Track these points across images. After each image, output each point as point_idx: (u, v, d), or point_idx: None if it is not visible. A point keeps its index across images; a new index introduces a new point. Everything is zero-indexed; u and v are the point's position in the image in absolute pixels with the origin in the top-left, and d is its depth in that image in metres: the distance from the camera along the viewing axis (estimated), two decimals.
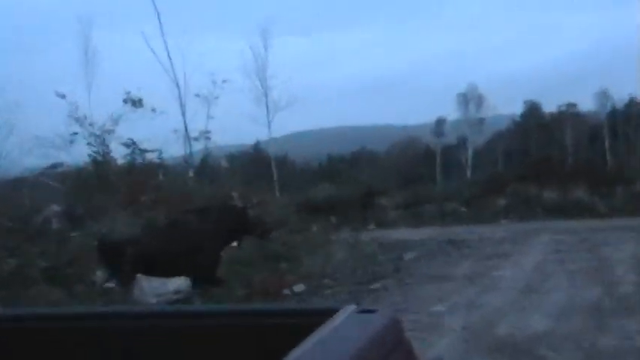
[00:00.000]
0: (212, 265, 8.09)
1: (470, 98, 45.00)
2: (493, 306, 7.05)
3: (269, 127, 26.78)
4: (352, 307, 1.89)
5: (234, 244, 8.79)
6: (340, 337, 1.74)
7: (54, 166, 13.74)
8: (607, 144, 41.19)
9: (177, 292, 7.61)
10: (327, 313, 1.84)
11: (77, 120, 14.01)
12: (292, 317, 2.03)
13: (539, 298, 7.26)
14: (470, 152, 43.09)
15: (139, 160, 13.63)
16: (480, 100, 44.72)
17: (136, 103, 15.11)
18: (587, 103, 47.26)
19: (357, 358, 1.61)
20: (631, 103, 44.57)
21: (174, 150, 18.42)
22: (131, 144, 13.64)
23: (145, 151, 13.73)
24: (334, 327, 1.76)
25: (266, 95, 26.24)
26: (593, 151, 41.24)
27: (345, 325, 1.76)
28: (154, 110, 15.70)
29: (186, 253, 7.76)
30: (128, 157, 13.63)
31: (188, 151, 20.21)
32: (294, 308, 2.44)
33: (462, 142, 45.35)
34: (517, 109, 51.93)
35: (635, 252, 10.02)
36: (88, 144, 13.42)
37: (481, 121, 45.33)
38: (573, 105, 48.53)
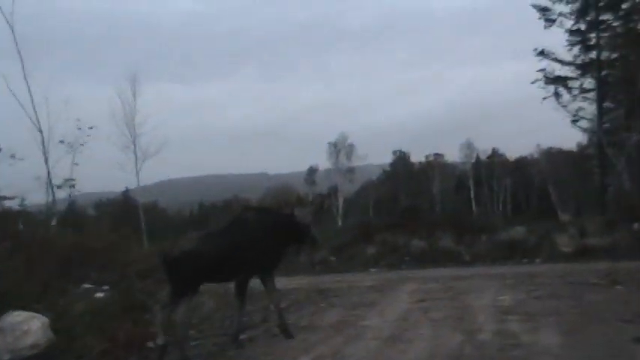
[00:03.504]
0: (275, 263, 8.47)
1: (340, 147, 46.84)
2: (358, 356, 7.19)
3: (137, 174, 26.37)
4: None
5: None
6: None
7: None
8: (472, 192, 44.29)
9: (33, 347, 7.23)
10: None
11: None
12: None
13: (403, 348, 7.48)
14: (341, 201, 44.35)
15: None
16: (350, 150, 46.67)
17: None
18: (453, 154, 50.90)
19: None
20: (493, 153, 48.61)
21: (36, 197, 18.53)
22: None
23: (3, 198, 13.50)
24: None
25: (134, 143, 25.96)
26: (460, 198, 44.12)
27: None
28: (12, 156, 15.41)
29: (247, 251, 7.95)
30: None
31: (51, 199, 19.89)
32: None
33: (333, 190, 46.63)
34: (387, 158, 54.76)
35: (494, 299, 10.65)
36: None
37: (351, 170, 47.22)
38: (440, 155, 52.06)
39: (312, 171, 53.34)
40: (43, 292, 8.68)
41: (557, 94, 30.24)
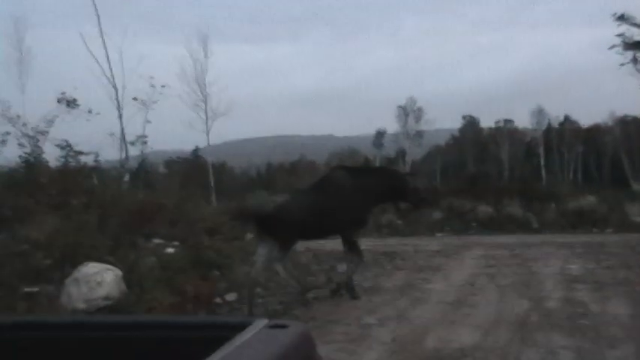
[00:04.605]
0: (362, 222, 8.54)
1: (409, 111, 46.06)
2: (423, 319, 7.14)
3: (207, 134, 26.47)
4: (263, 322, 1.84)
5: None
6: (247, 352, 1.69)
7: None
8: (542, 160, 42.87)
9: (106, 298, 7.37)
10: (239, 327, 1.79)
11: (9, 119, 13.87)
12: (203, 330, 1.98)
13: (467, 312, 7.40)
14: (408, 165, 43.87)
15: (73, 162, 13.13)
16: (419, 114, 45.83)
17: (71, 103, 14.80)
18: (523, 120, 49.21)
19: None
20: (565, 121, 46.78)
21: (110, 153, 18.78)
22: (65, 146, 13.15)
23: (79, 153, 13.28)
24: (243, 342, 1.70)
25: (205, 102, 26.00)
26: (529, 166, 42.80)
27: (254, 340, 1.71)
28: (89, 112, 15.53)
29: (336, 210, 8.00)
30: (62, 159, 13.10)
31: (124, 155, 20.09)
32: (205, 321, 2.36)
33: (401, 154, 46.23)
34: (456, 124, 53.63)
35: (563, 267, 10.40)
36: (20, 145, 13.09)
37: (420, 134, 46.43)
38: (510, 121, 50.48)
39: (379, 134, 52.74)
40: (115, 246, 8.79)
41: (635, 60, 28.71)
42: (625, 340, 6.13)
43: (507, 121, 49.91)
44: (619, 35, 28.76)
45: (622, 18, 28.56)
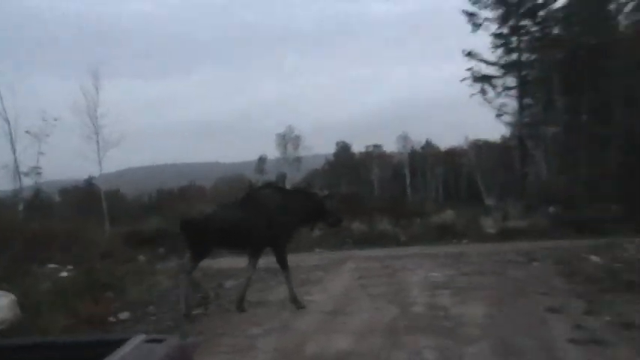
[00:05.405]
0: (284, 238, 8.57)
1: (288, 139, 46.60)
2: (303, 328, 7.25)
3: (100, 163, 25.89)
4: (141, 337, 1.86)
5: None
6: None
7: None
8: (408, 180, 44.84)
9: (1, 322, 7.19)
10: (118, 343, 1.80)
11: None
12: (86, 348, 1.96)
13: (344, 320, 7.59)
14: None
15: None
16: (297, 141, 46.48)
17: None
18: (390, 145, 51.39)
19: None
20: (427, 145, 49.39)
21: (3, 184, 19.19)
22: None
23: None
24: (121, 356, 1.71)
25: (97, 133, 25.29)
26: (396, 186, 44.52)
27: (131, 354, 1.73)
28: None
29: (261, 226, 8.23)
30: None
31: (18, 186, 20.01)
32: (87, 340, 2.32)
33: (281, 178, 46.44)
34: (330, 149, 54.96)
35: (427, 276, 10.85)
36: None
37: (298, 159, 47.15)
38: (379, 146, 52.46)
39: (261, 160, 53.18)
40: (10, 272, 8.68)
41: (483, 91, 30.82)
42: (480, 337, 6.55)
43: (376, 146, 51.93)
44: (468, 69, 30.94)
45: (470, 54, 30.79)
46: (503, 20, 30.49)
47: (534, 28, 30.33)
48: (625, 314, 7.20)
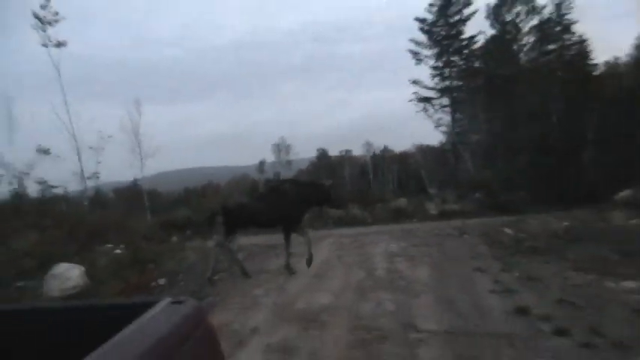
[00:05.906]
0: (297, 220, 8.48)
1: (282, 147, 46.78)
2: (295, 289, 7.26)
3: (141, 169, 26.05)
4: (167, 300, 1.78)
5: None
6: (154, 321, 1.64)
7: None
8: (371, 177, 44.96)
9: (74, 287, 7.33)
10: (149, 305, 1.73)
11: (2, 165, 14.56)
12: (125, 308, 1.85)
13: (324, 282, 7.61)
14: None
15: (48, 194, 14.48)
16: (288, 149, 46.65)
17: (45, 152, 16.25)
18: (358, 150, 51.52)
19: (156, 345, 1.54)
20: (385, 149, 49.64)
21: (74, 186, 20.17)
22: (42, 182, 14.79)
23: (52, 187, 14.90)
24: (152, 314, 1.66)
25: (139, 146, 25.40)
26: (363, 181, 44.60)
27: (159, 313, 1.68)
28: (58, 157, 17.11)
29: (281, 211, 8.21)
30: (40, 192, 14.61)
31: (84, 187, 21.05)
32: (119, 303, 2.14)
33: (277, 176, 46.35)
34: (313, 154, 55.00)
35: (387, 248, 10.84)
36: (9, 183, 14.22)
37: (289, 162, 47.33)
38: (350, 151, 52.56)
39: (261, 164, 53.28)
40: (79, 250, 8.88)
41: (425, 109, 31.29)
42: (426, 291, 6.62)
43: (347, 151, 52.07)
44: (414, 93, 31.32)
45: (415, 82, 31.21)
46: (438, 56, 30.92)
47: (461, 62, 30.82)
48: (528, 270, 7.32)
